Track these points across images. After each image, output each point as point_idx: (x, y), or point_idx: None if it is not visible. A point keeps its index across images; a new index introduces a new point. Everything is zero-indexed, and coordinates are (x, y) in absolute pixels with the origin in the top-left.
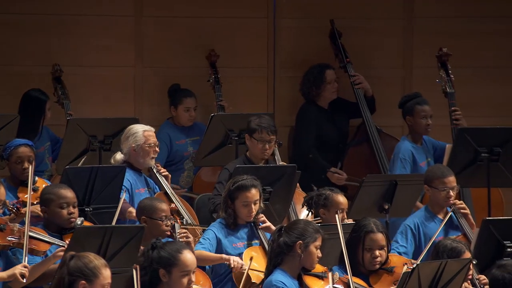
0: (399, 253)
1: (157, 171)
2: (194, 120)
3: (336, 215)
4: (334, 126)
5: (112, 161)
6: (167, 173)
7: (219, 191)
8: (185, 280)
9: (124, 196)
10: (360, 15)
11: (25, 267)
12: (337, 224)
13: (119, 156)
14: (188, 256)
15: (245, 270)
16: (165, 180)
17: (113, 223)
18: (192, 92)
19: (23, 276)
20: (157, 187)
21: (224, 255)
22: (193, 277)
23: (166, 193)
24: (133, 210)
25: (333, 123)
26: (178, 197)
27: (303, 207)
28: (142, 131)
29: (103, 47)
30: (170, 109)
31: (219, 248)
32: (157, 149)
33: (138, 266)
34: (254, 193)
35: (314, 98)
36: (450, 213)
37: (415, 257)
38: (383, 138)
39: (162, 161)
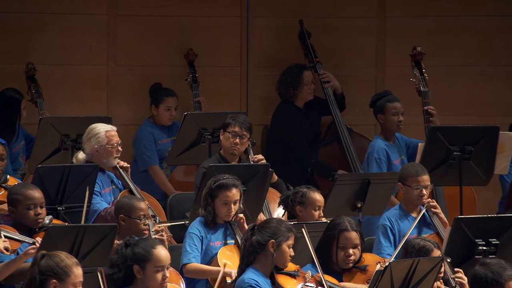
0: (389, 255)
1: (120, 167)
2: (173, 119)
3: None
4: (309, 125)
5: (74, 160)
6: (127, 165)
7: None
8: (159, 276)
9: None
10: (333, 14)
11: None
12: (311, 222)
13: (81, 155)
14: (162, 252)
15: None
16: (129, 178)
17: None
18: (174, 92)
19: (6, 249)
20: (120, 182)
21: (227, 270)
22: (167, 273)
23: (130, 191)
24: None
25: (309, 122)
26: (144, 194)
27: (279, 206)
28: (104, 132)
29: (77, 45)
30: (151, 108)
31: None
32: (119, 148)
33: (103, 270)
34: (235, 193)
35: (291, 98)
36: (423, 212)
37: None
38: (353, 137)
39: (157, 160)
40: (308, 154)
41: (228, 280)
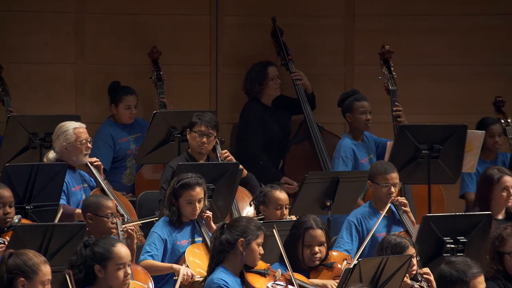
0: (346, 250)
1: (91, 164)
2: (134, 117)
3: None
4: (277, 124)
5: (44, 160)
6: (99, 162)
7: (165, 190)
8: (121, 273)
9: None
10: (302, 12)
11: None
12: (279, 221)
13: (51, 155)
14: (122, 249)
15: (195, 280)
16: (100, 176)
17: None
18: (133, 90)
19: None
20: (92, 180)
21: (174, 265)
22: (129, 270)
23: (102, 189)
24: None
25: (277, 121)
26: (115, 193)
27: (251, 205)
28: (72, 129)
29: (44, 43)
30: (111, 107)
31: (165, 249)
32: (89, 145)
33: (71, 272)
34: (199, 191)
35: (257, 95)
36: (389, 206)
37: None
38: (324, 136)
39: (108, 162)
40: (258, 157)
41: (198, 279)
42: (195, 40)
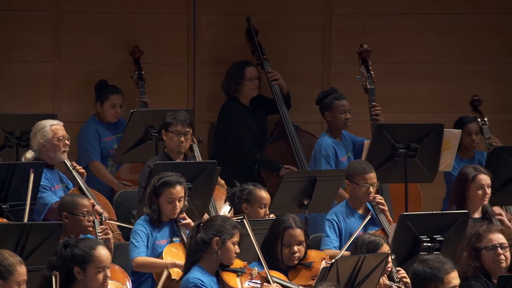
0: (335, 247)
1: (72, 168)
2: (119, 117)
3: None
4: (255, 124)
5: (23, 159)
6: (83, 170)
7: (144, 189)
8: (100, 276)
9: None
10: (280, 11)
11: None
12: (258, 220)
13: (29, 154)
14: (102, 252)
15: None
16: (78, 175)
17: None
18: (119, 89)
19: None
20: (70, 182)
21: (176, 261)
22: (108, 273)
23: (80, 189)
24: None
25: (255, 121)
26: (93, 192)
27: (225, 202)
28: (49, 126)
29: (22, 42)
30: (96, 105)
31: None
32: (67, 142)
33: (58, 273)
34: (179, 190)
35: (234, 94)
36: (371, 211)
37: None
38: (300, 135)
39: (99, 154)
40: (252, 151)
41: (173, 277)
42: (173, 39)
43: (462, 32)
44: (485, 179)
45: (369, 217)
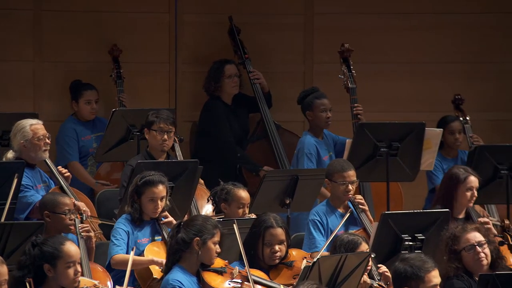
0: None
1: (58, 173)
2: (96, 113)
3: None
4: (237, 122)
5: (4, 159)
6: (68, 174)
7: (125, 188)
8: (71, 271)
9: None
10: (262, 11)
11: None
12: (239, 219)
13: (10, 154)
14: (71, 247)
15: None
16: (61, 175)
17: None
18: (93, 85)
19: None
20: (52, 181)
21: (155, 258)
22: (79, 268)
23: (61, 187)
24: None
25: (237, 119)
26: (74, 191)
27: (208, 201)
28: (29, 126)
29: (3, 41)
30: (72, 105)
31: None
32: (47, 140)
33: (31, 280)
34: (161, 189)
35: (215, 93)
36: (351, 209)
37: None
38: (281, 134)
39: (77, 155)
40: (234, 150)
41: (155, 276)
42: (155, 38)
43: (444, 31)
44: (474, 181)
45: (348, 214)
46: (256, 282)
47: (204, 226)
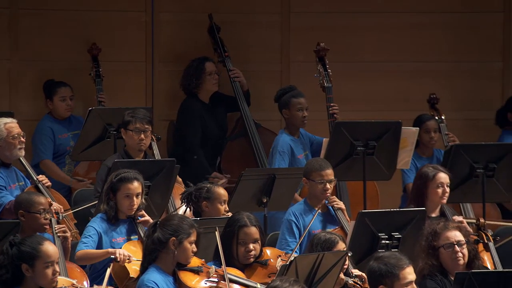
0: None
1: (38, 182)
2: (71, 109)
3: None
4: (215, 121)
5: None
6: (49, 183)
7: (98, 189)
8: (49, 271)
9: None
10: (238, 9)
11: None
12: (215, 218)
13: None
14: (49, 247)
15: (131, 261)
16: (33, 172)
17: None
18: (66, 83)
19: None
20: (28, 181)
21: (110, 249)
22: (57, 268)
23: (36, 186)
24: None
25: (214, 118)
26: (50, 190)
27: (182, 203)
28: (3, 125)
29: None
30: (47, 104)
31: (100, 243)
32: (22, 139)
33: None
34: (137, 186)
35: (194, 90)
36: (324, 203)
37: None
38: (261, 133)
39: (51, 154)
40: (194, 152)
41: (131, 275)
42: (131, 37)
43: (420, 31)
44: (444, 177)
45: (318, 211)
46: (232, 281)
47: (180, 225)
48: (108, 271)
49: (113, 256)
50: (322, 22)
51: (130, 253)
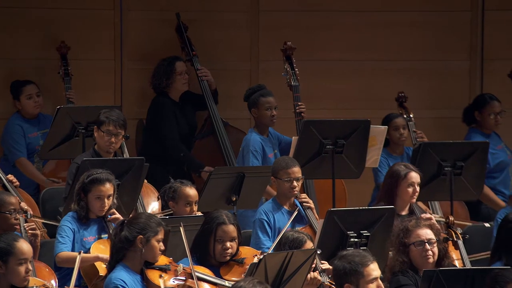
0: (268, 249)
1: (8, 181)
2: (40, 106)
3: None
4: (185, 119)
5: None
6: (17, 183)
7: (70, 186)
8: (22, 269)
9: None
10: (207, 8)
11: None
12: (186, 216)
13: None
14: (24, 245)
15: None
16: (1, 171)
17: None
18: (31, 81)
19: None
20: None
21: (100, 255)
22: (30, 266)
23: (4, 186)
24: None
25: (185, 116)
26: (17, 190)
27: (158, 199)
28: None
29: None
30: (15, 104)
31: (72, 242)
32: None
33: None
34: (108, 187)
35: (164, 89)
36: (298, 207)
37: None
38: (229, 131)
39: (25, 152)
40: (179, 149)
41: (101, 274)
42: (100, 35)
43: (388, 29)
44: (415, 177)
45: (296, 213)
46: (200, 279)
47: (148, 224)
48: (75, 270)
49: (105, 265)
50: (291, 20)
51: (100, 252)
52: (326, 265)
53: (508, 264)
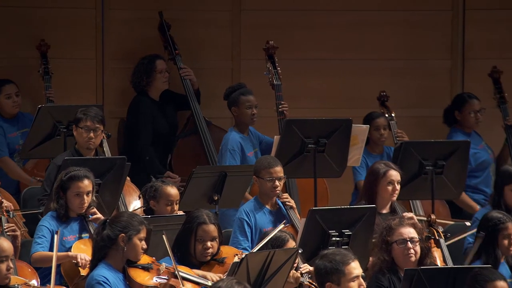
0: (244, 249)
1: None
2: (19, 106)
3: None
4: (165, 119)
5: None
6: None
7: (46, 188)
8: (3, 266)
9: None
10: (189, 7)
11: None
12: (168, 215)
13: None
14: (4, 243)
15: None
16: None
17: None
18: (10, 80)
19: None
20: None
21: (70, 253)
22: (11, 264)
23: None
24: None
25: (164, 116)
26: None
27: (140, 198)
28: None
29: None
30: None
31: (51, 242)
32: None
33: None
34: (87, 184)
35: (144, 88)
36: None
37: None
38: (212, 130)
39: (7, 151)
40: (146, 151)
41: (82, 273)
42: (81, 34)
43: (370, 29)
44: (395, 175)
45: (283, 225)
46: (183, 278)
47: (130, 222)
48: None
49: (74, 261)
50: (273, 19)
51: (83, 252)
52: (306, 268)
53: (488, 263)
